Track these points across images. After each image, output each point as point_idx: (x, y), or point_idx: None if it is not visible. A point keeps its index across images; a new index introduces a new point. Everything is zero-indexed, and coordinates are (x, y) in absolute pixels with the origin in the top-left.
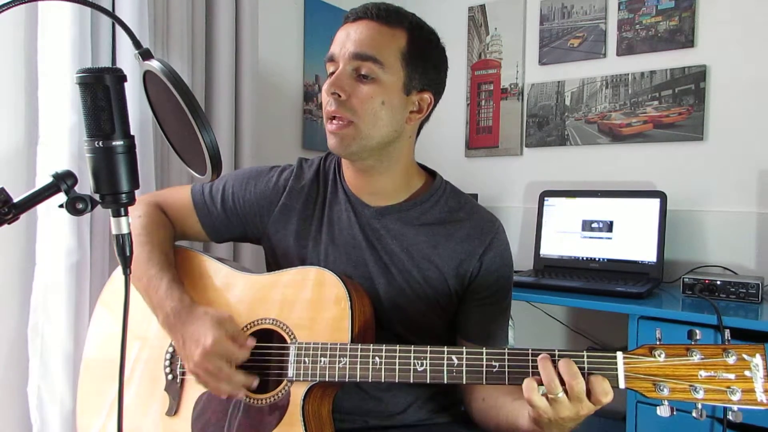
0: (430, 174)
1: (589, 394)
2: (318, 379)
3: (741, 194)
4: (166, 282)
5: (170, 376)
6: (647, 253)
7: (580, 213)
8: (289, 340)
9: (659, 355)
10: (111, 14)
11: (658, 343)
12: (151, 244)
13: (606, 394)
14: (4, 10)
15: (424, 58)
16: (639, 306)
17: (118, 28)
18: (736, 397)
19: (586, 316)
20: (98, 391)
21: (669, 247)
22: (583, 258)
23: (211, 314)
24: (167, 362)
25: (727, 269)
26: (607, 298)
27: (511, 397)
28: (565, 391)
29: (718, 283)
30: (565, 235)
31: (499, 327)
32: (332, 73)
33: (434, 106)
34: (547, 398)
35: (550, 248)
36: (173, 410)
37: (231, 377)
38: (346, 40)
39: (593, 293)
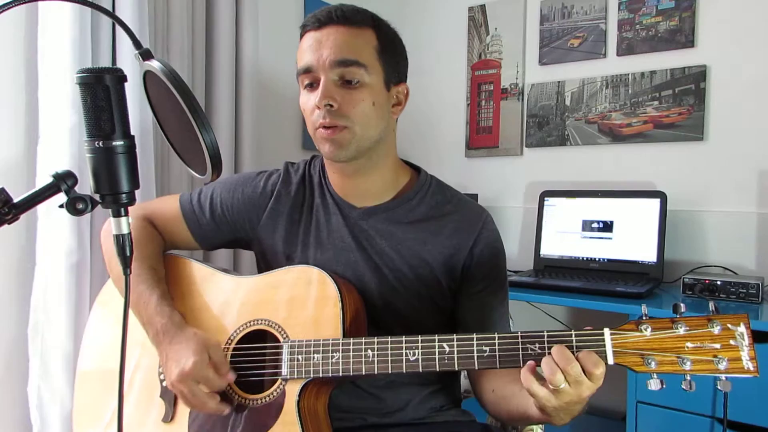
0: (415, 169)
1: (582, 371)
2: (312, 375)
3: (741, 194)
4: (156, 298)
5: (165, 383)
6: (647, 253)
7: (580, 213)
8: (281, 339)
9: (645, 329)
10: (111, 14)
11: (644, 317)
12: (140, 259)
13: (596, 365)
14: (4, 10)
15: (394, 51)
16: (639, 306)
17: (118, 28)
18: (723, 366)
19: (586, 316)
20: (94, 403)
21: (669, 247)
22: (583, 258)
23: (199, 337)
24: (161, 369)
25: (728, 269)
26: (608, 298)
27: (519, 386)
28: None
29: (719, 283)
30: (565, 235)
31: (500, 316)
32: (310, 85)
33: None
34: (548, 387)
35: (550, 248)
36: (169, 416)
37: (204, 404)
38: (320, 48)
39: (593, 293)
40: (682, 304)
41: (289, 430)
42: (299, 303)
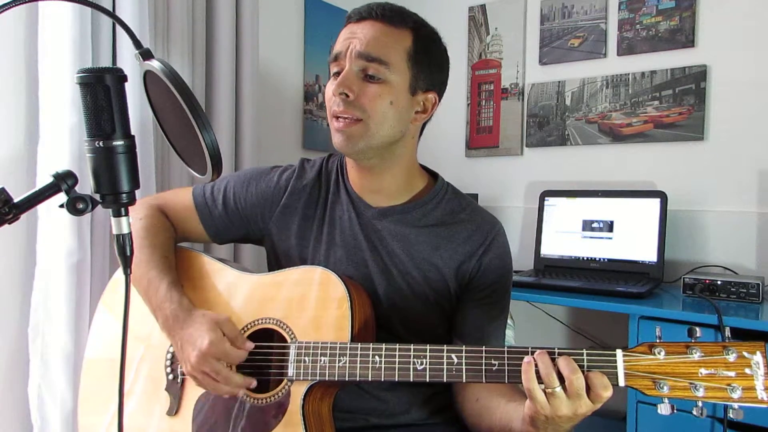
0: (432, 175)
1: (588, 390)
2: (318, 378)
3: (741, 194)
4: (166, 285)
5: (171, 376)
6: (648, 253)
7: (581, 213)
8: (289, 340)
9: (659, 353)
10: (111, 14)
11: (657, 340)
12: (152, 246)
13: (606, 388)
14: (4, 10)
15: (429, 58)
16: (639, 306)
17: (119, 28)
18: (736, 395)
19: (587, 316)
20: (100, 392)
21: (669, 247)
22: (583, 258)
23: (209, 317)
24: (168, 362)
25: (728, 269)
26: (608, 298)
27: (505, 399)
28: (564, 388)
29: (719, 283)
30: (565, 235)
31: (495, 329)
32: (337, 73)
33: (437, 105)
34: (545, 393)
35: (551, 248)
36: (174, 410)
37: (228, 379)
38: (352, 39)
39: (594, 293)
40: (697, 329)
41: (292, 431)
42: (309, 304)
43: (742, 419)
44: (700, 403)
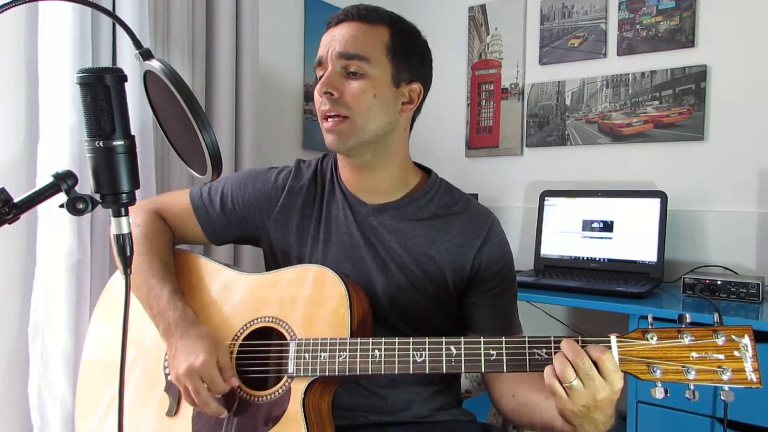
0: (426, 172)
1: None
2: (318, 374)
3: (741, 194)
4: (168, 292)
5: (170, 377)
6: (648, 253)
7: (581, 213)
8: (288, 337)
9: (651, 338)
10: (111, 14)
11: (650, 326)
12: (151, 253)
13: (602, 351)
14: (4, 10)
15: (408, 50)
16: (639, 306)
17: (119, 28)
18: (726, 377)
19: (587, 316)
20: (96, 393)
21: (669, 247)
22: (583, 258)
23: (211, 337)
24: (166, 363)
25: (728, 269)
26: (608, 298)
27: (543, 395)
28: (578, 375)
29: (719, 283)
30: (565, 235)
31: (514, 316)
32: (322, 76)
33: (424, 96)
34: (564, 388)
35: (551, 248)
36: (173, 410)
37: (205, 403)
38: (332, 42)
39: (594, 293)
40: (687, 315)
41: (293, 428)
42: (307, 301)
43: (742, 419)
44: (692, 386)
